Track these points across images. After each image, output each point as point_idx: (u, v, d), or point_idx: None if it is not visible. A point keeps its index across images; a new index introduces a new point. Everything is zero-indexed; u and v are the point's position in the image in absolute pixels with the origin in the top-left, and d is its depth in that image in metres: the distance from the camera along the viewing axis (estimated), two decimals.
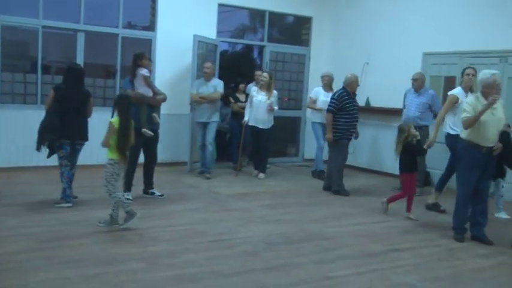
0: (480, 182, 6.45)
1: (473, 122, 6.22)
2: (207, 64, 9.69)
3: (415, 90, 9.15)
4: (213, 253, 5.45)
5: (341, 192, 8.84)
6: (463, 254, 6.00)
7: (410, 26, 10.61)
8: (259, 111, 9.77)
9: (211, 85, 9.64)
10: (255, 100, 9.80)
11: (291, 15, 12.65)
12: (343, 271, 5.11)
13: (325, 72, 10.37)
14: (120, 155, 6.15)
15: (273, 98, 9.79)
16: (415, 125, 9.00)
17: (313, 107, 10.39)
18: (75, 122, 7.00)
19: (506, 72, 9.04)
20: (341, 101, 8.78)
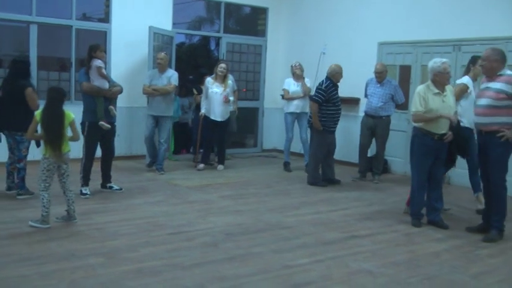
0: (434, 169, 6.60)
1: (425, 120, 6.38)
2: (161, 55, 9.41)
3: (378, 81, 9.24)
4: (172, 245, 5.45)
5: (317, 184, 8.84)
6: (420, 238, 6.13)
7: (365, 16, 10.73)
8: (215, 103, 9.68)
9: (165, 77, 9.38)
10: (211, 92, 9.70)
11: (247, 6, 12.65)
12: (302, 260, 5.17)
13: (295, 62, 10.30)
14: (49, 150, 5.90)
15: (228, 88, 9.73)
16: (377, 115, 9.18)
17: (289, 97, 10.19)
18: (11, 113, 6.99)
19: (459, 61, 9.23)
20: (328, 92, 8.70)
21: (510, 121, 6.00)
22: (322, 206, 7.50)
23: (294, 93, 10.04)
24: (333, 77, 8.84)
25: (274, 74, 12.44)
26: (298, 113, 10.10)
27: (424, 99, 6.39)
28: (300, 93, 10.01)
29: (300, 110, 10.08)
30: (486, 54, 6.13)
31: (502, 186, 6.19)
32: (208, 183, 8.67)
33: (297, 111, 10.08)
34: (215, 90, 9.66)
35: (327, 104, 8.72)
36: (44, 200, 5.86)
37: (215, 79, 9.75)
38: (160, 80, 9.34)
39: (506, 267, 5.29)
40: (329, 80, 8.81)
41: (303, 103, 10.05)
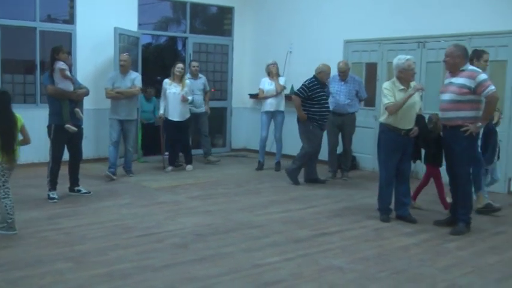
0: (401, 164, 6.68)
1: (398, 108, 6.41)
2: (123, 56, 9.10)
3: (342, 79, 9.27)
4: (142, 248, 5.42)
5: (293, 178, 8.87)
6: (388, 233, 6.20)
7: (331, 14, 10.79)
8: (174, 104, 9.56)
9: (129, 79, 9.07)
10: (169, 93, 9.56)
11: (212, 6, 12.62)
12: (272, 258, 5.18)
13: (271, 61, 10.29)
14: (4, 155, 5.71)
15: (186, 88, 9.58)
16: (345, 112, 9.23)
17: (263, 96, 10.20)
18: None
19: (424, 57, 9.36)
20: (311, 90, 8.65)
21: (473, 115, 6.11)
22: (292, 204, 7.52)
23: (268, 92, 10.06)
24: (319, 75, 8.78)
25: (242, 74, 12.45)
26: (273, 111, 10.10)
27: (392, 92, 6.47)
28: (273, 92, 10.00)
29: (274, 108, 10.07)
30: (449, 50, 6.22)
31: (468, 180, 6.31)
32: (177, 184, 8.63)
33: (271, 109, 10.08)
34: (173, 90, 9.54)
35: (311, 102, 8.67)
36: (7, 206, 5.75)
37: (172, 79, 9.62)
38: (124, 82, 9.02)
39: (474, 259, 5.38)
40: (314, 78, 8.78)
41: (277, 101, 10.06)
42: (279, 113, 10.10)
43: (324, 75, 8.77)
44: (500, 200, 7.80)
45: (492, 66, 8.46)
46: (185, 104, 9.65)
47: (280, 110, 10.09)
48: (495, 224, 6.70)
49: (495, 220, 6.90)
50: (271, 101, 10.05)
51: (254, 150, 11.85)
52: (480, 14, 8.60)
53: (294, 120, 10.48)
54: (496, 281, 4.82)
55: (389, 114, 6.50)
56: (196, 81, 10.55)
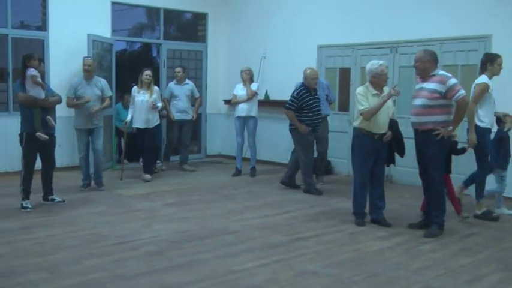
0: (375, 168, 6.75)
1: (373, 113, 6.48)
2: (88, 61, 8.59)
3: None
4: (116, 256, 5.38)
5: (312, 191, 8.63)
6: (363, 237, 6.24)
7: (304, 20, 10.86)
8: (141, 111, 9.39)
9: (94, 85, 8.58)
10: (137, 100, 9.40)
11: (186, 12, 12.62)
12: (248, 264, 5.18)
13: (244, 67, 10.28)
14: None
15: (155, 94, 9.43)
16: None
17: (234, 102, 10.24)
18: None
19: (397, 62, 9.48)
20: (301, 99, 8.49)
21: (445, 119, 6.20)
22: (267, 209, 7.54)
23: (240, 97, 10.09)
24: (305, 82, 8.64)
25: (216, 80, 12.46)
26: (245, 116, 10.10)
27: (366, 97, 6.54)
28: (244, 97, 10.02)
29: (245, 114, 10.08)
30: (419, 55, 6.31)
31: (440, 183, 6.39)
32: (152, 191, 8.59)
33: (243, 114, 10.09)
34: (141, 98, 9.37)
35: (301, 112, 8.53)
36: None
37: (140, 87, 9.45)
38: (89, 89, 8.51)
39: (448, 261, 5.44)
40: (303, 87, 8.64)
41: (248, 106, 10.06)
42: (251, 119, 10.12)
43: (309, 80, 8.57)
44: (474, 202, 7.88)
45: (463, 71, 8.62)
46: (153, 112, 9.45)
47: (252, 115, 10.10)
48: (467, 226, 6.79)
49: (468, 222, 6.99)
50: (242, 106, 10.07)
51: (229, 156, 11.89)
52: (451, 19, 8.74)
53: (268, 126, 10.56)
54: (468, 282, 4.88)
55: (365, 119, 6.55)
56: (182, 87, 10.56)
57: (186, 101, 10.58)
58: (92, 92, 8.54)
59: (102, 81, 8.80)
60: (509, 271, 5.19)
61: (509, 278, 5.02)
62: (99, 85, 8.66)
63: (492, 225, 6.90)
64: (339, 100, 10.43)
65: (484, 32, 8.43)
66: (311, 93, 8.58)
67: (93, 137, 8.63)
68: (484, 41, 8.46)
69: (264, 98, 11.32)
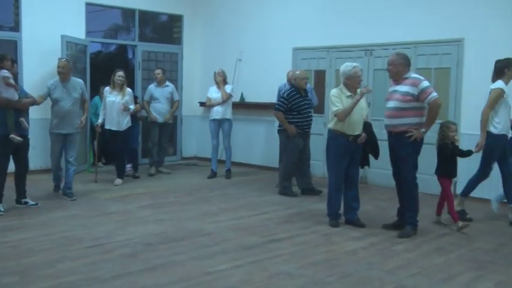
0: (350, 169, 6.79)
1: (347, 114, 6.52)
2: (61, 62, 8.16)
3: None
4: (91, 259, 5.34)
5: (287, 193, 8.60)
6: (337, 238, 6.28)
7: (279, 22, 10.91)
8: (114, 113, 9.18)
9: (72, 86, 8.16)
10: (108, 101, 9.21)
11: (161, 14, 12.59)
12: (222, 265, 5.19)
13: (217, 70, 10.23)
14: None
15: (127, 96, 9.28)
16: None
17: (209, 104, 10.20)
18: None
19: (371, 65, 9.57)
20: (291, 101, 8.40)
21: (417, 121, 6.28)
22: (242, 211, 7.55)
23: (215, 100, 10.06)
24: (295, 82, 8.54)
25: (192, 82, 12.45)
26: (220, 119, 10.07)
27: (340, 99, 6.59)
28: (219, 100, 10.00)
29: (220, 116, 10.06)
30: (391, 59, 6.39)
31: (414, 184, 6.46)
32: (127, 194, 8.55)
33: (217, 117, 10.07)
34: (112, 99, 9.20)
35: (291, 113, 8.44)
36: None
37: (113, 88, 9.26)
38: (66, 92, 8.08)
39: (421, 260, 5.51)
40: (292, 87, 8.57)
41: (223, 109, 10.04)
42: (226, 121, 10.12)
43: (299, 81, 8.47)
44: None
45: (436, 74, 8.73)
46: (125, 114, 9.29)
47: (227, 117, 10.09)
48: (441, 226, 6.89)
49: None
50: (217, 108, 10.05)
51: (205, 158, 11.88)
52: (425, 23, 8.86)
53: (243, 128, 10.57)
54: (442, 280, 4.95)
55: (339, 120, 6.59)
56: (163, 89, 10.49)
57: (166, 103, 10.49)
58: (69, 96, 8.11)
59: (80, 83, 8.36)
60: (482, 270, 5.27)
61: (482, 276, 5.10)
62: (77, 88, 8.25)
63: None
64: None
65: (457, 35, 8.56)
66: (301, 95, 8.50)
67: (67, 146, 8.21)
68: (457, 44, 8.60)
69: (240, 100, 11.33)
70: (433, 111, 6.25)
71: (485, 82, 8.14)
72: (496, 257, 5.70)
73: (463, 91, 8.54)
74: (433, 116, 6.30)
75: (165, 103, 10.49)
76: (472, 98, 8.36)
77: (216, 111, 10.08)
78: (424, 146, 6.59)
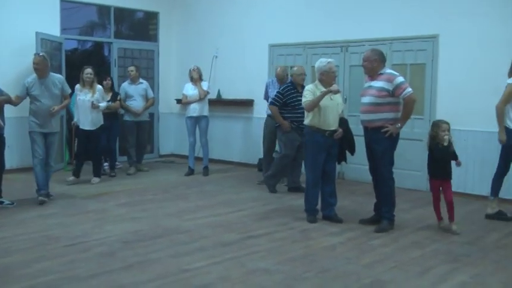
0: (327, 165, 6.82)
1: (314, 105, 6.55)
2: (36, 58, 7.80)
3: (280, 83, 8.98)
4: (68, 258, 5.31)
5: (269, 187, 8.60)
6: (315, 234, 6.31)
7: (256, 19, 10.92)
8: (85, 111, 9.03)
9: (51, 82, 7.84)
10: (78, 100, 9.04)
11: (137, 11, 12.52)
12: (200, 262, 5.19)
13: (193, 66, 10.19)
14: None
15: (97, 94, 9.13)
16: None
17: (186, 102, 10.11)
18: None
19: (347, 61, 9.62)
20: (286, 96, 8.26)
21: (393, 117, 6.34)
22: (220, 208, 7.55)
23: (191, 97, 10.00)
24: (292, 78, 8.44)
25: (168, 79, 12.41)
26: (197, 116, 10.03)
27: (313, 94, 6.61)
28: (196, 97, 9.96)
29: (197, 114, 10.01)
30: (366, 55, 6.44)
31: (390, 179, 6.51)
32: (104, 192, 8.50)
33: (195, 114, 10.03)
34: (82, 97, 9.02)
35: (286, 108, 8.32)
36: None
37: (83, 86, 9.07)
38: (45, 89, 7.77)
39: (398, 254, 5.57)
40: (291, 84, 8.42)
41: (200, 106, 10.00)
42: (203, 118, 10.09)
43: (295, 77, 8.36)
44: (423, 197, 8.11)
45: (411, 70, 8.81)
46: (97, 112, 9.11)
47: (204, 115, 10.06)
48: (417, 220, 6.97)
49: (417, 216, 7.17)
50: (194, 106, 10.01)
51: (182, 155, 11.86)
52: (400, 19, 8.94)
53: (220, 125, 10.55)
54: (418, 273, 5.01)
55: (306, 111, 6.65)
56: (136, 87, 10.38)
57: (141, 100, 10.39)
58: (49, 92, 7.80)
59: (59, 79, 8.02)
60: (457, 262, 5.34)
61: (457, 269, 5.17)
62: (57, 83, 7.89)
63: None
64: None
65: (432, 32, 8.65)
66: (298, 91, 8.28)
67: (48, 147, 7.93)
68: (432, 40, 8.69)
69: (217, 97, 11.32)
70: (409, 106, 6.31)
71: (459, 77, 8.31)
72: (471, 250, 5.78)
73: (438, 86, 8.63)
74: (409, 111, 6.36)
75: (140, 100, 10.39)
76: (447, 93, 8.48)
77: (193, 108, 10.03)
78: (400, 141, 6.66)
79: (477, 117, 8.15)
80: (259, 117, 10.76)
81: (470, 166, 8.24)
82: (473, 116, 8.21)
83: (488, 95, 7.92)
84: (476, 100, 8.12)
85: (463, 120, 8.23)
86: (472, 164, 8.24)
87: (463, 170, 8.02)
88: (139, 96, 10.38)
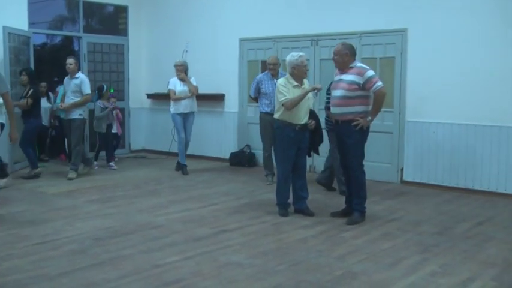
0: (297, 159, 6.83)
1: (296, 103, 6.54)
2: None
3: (273, 76, 8.69)
4: (38, 256, 5.24)
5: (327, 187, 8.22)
6: (287, 227, 6.33)
7: (226, 13, 10.88)
8: None
9: None
10: None
11: (106, 5, 12.38)
12: (172, 258, 5.17)
13: (178, 61, 9.86)
14: None
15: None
16: None
17: (177, 98, 9.62)
18: None
19: (317, 55, 9.65)
20: None
21: (363, 110, 6.39)
22: (192, 203, 7.53)
23: (181, 93, 9.63)
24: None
25: (139, 74, 12.31)
26: (187, 112, 9.72)
27: (288, 90, 6.61)
28: (187, 93, 9.61)
29: (188, 110, 9.71)
30: (337, 49, 6.47)
31: (360, 171, 6.56)
32: (75, 189, 8.41)
33: (186, 111, 9.68)
34: None
35: None
36: None
37: None
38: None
39: (369, 246, 5.62)
40: None
41: (191, 103, 9.72)
42: (191, 114, 9.81)
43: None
44: (393, 189, 8.20)
45: (381, 63, 8.88)
46: None
47: (193, 111, 9.82)
48: (388, 212, 7.03)
49: (388, 208, 7.24)
50: (185, 102, 9.64)
51: (154, 151, 11.81)
52: (369, 13, 9.00)
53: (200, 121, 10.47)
54: (389, 265, 5.06)
55: (287, 110, 6.59)
56: (71, 81, 9.35)
57: (73, 97, 9.26)
58: None
59: None
60: (427, 253, 5.41)
61: (427, 259, 5.23)
62: None
63: (411, 210, 7.17)
64: None
65: (400, 26, 8.72)
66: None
67: None
68: (401, 34, 8.76)
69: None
70: (379, 100, 6.36)
71: (428, 71, 8.40)
72: (440, 240, 5.86)
73: (408, 80, 8.71)
74: (379, 104, 6.42)
75: (72, 97, 9.28)
76: (416, 86, 8.57)
77: (184, 104, 9.64)
78: (371, 134, 6.72)
79: (445, 110, 8.26)
80: (230, 111, 10.78)
81: (440, 157, 8.35)
82: (441, 108, 8.32)
83: (456, 88, 8.07)
84: (445, 93, 8.23)
85: (432, 113, 8.35)
86: (442, 155, 8.35)
87: (432, 161, 8.15)
88: (70, 93, 9.30)
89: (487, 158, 8.02)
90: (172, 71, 9.89)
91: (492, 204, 7.59)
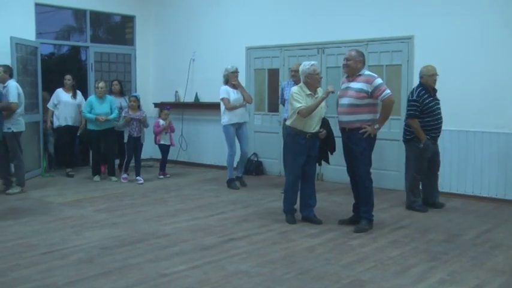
0: (306, 167, 6.82)
1: (312, 111, 6.52)
2: None
3: (296, 82, 8.07)
4: (45, 265, 5.24)
5: (415, 207, 7.55)
6: (294, 235, 6.32)
7: (232, 22, 10.92)
8: None
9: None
10: None
11: (113, 14, 12.44)
12: (179, 267, 5.16)
13: (231, 67, 9.31)
14: None
15: None
16: None
17: (232, 107, 9.07)
18: None
19: (324, 63, 9.65)
20: (421, 101, 7.38)
21: (371, 118, 6.39)
22: (199, 212, 7.52)
23: (236, 101, 9.13)
24: (425, 81, 7.53)
25: (146, 83, 12.34)
26: (241, 123, 9.28)
27: (303, 98, 6.58)
28: (241, 101, 9.19)
29: (243, 120, 9.30)
30: (351, 54, 6.47)
31: (368, 179, 6.55)
32: (82, 198, 8.42)
33: (241, 121, 9.25)
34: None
35: (422, 116, 7.38)
36: None
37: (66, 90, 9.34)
38: None
39: (377, 254, 5.60)
40: (421, 87, 7.51)
41: (244, 112, 9.35)
42: (243, 124, 9.34)
43: (427, 78, 7.50)
44: (401, 196, 8.15)
45: (388, 70, 8.87)
46: None
47: (246, 120, 9.48)
48: (396, 220, 7.01)
49: (396, 216, 7.22)
50: (240, 111, 9.18)
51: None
52: (376, 21, 9.01)
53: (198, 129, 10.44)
54: (397, 272, 5.04)
55: (302, 117, 6.54)
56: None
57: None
58: None
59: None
60: (435, 261, 5.38)
61: (435, 266, 5.21)
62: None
63: (419, 217, 7.14)
64: (268, 101, 10.54)
65: (407, 33, 8.72)
66: (430, 95, 7.49)
67: None
68: (407, 42, 8.76)
69: (194, 100, 11.29)
70: (387, 108, 6.37)
71: None
72: (448, 247, 5.83)
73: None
74: (387, 112, 6.43)
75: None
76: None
77: (239, 114, 9.19)
78: (378, 141, 6.71)
79: (451, 117, 8.23)
80: None
81: (447, 164, 8.31)
82: (447, 116, 8.28)
83: (462, 95, 8.04)
84: (451, 100, 8.20)
85: None
86: (449, 162, 8.31)
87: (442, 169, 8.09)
88: None
89: (494, 165, 8.00)
90: (178, 81, 9.97)
91: (500, 210, 7.57)
